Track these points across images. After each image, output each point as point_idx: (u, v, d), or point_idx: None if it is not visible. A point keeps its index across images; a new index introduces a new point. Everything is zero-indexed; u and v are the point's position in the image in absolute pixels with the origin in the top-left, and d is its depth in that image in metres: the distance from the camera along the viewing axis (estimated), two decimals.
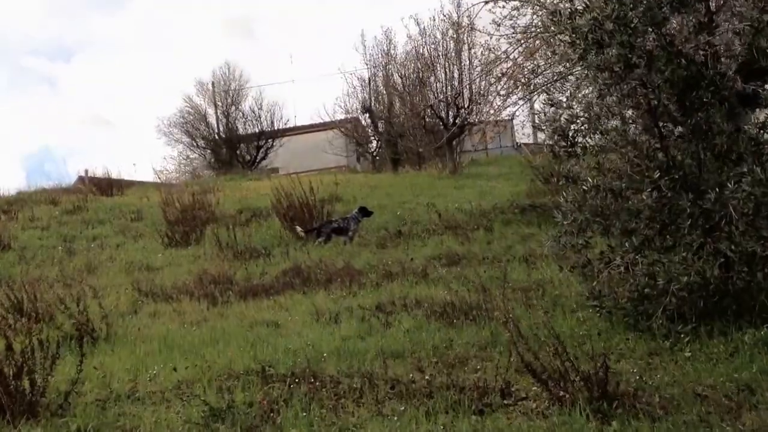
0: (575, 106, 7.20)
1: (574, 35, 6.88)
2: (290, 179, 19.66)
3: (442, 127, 29.43)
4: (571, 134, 7.34)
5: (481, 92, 28.40)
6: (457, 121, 28.96)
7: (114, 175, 28.15)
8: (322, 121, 40.96)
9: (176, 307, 10.71)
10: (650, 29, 6.67)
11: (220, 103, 42.47)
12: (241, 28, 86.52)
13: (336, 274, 11.82)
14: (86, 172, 30.61)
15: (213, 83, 42.56)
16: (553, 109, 7.72)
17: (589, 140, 7.14)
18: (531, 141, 44.13)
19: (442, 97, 29.60)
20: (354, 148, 41.98)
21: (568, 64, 12.10)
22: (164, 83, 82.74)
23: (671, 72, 6.64)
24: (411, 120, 31.11)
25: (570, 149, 7.46)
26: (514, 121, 33.10)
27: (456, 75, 29.31)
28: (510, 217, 16.26)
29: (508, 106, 16.78)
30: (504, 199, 19.39)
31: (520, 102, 16.69)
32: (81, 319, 8.71)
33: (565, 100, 7.50)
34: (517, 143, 45.63)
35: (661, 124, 7.05)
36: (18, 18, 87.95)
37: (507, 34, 14.69)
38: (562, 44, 14.60)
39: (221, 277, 12.25)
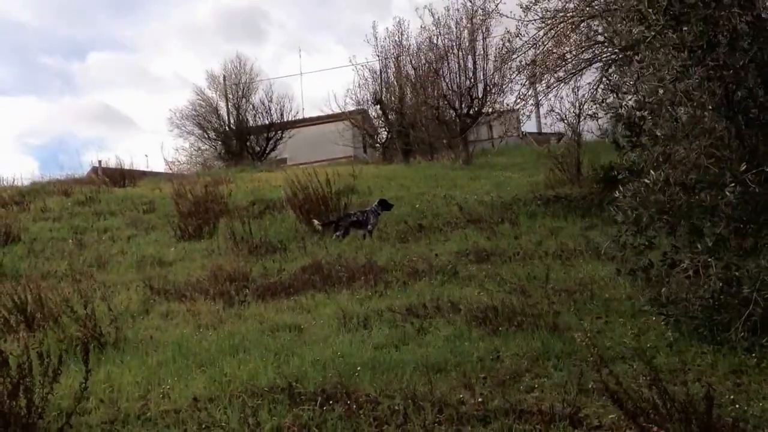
0: (641, 91, 6.33)
1: (650, 9, 6.05)
2: (303, 170, 18.97)
3: (455, 117, 28.58)
4: (636, 122, 6.49)
5: (496, 82, 27.62)
6: (471, 111, 28.14)
7: (126, 166, 27.95)
8: (330, 113, 40.83)
9: (190, 307, 9.93)
10: (736, 3, 5.85)
11: (231, 96, 42.57)
12: (250, 22, 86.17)
13: (358, 271, 11.04)
14: (99, 162, 30.58)
15: (224, 76, 42.65)
16: (614, 95, 6.88)
17: (656, 129, 6.28)
18: (536, 130, 43.72)
19: (455, 87, 28.73)
20: (361, 139, 41.64)
21: (611, 47, 11.27)
22: (177, 77, 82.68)
23: (758, 51, 5.82)
24: (423, 110, 30.26)
25: (634, 139, 6.62)
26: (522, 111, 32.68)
27: (470, 65, 28.48)
28: (534, 209, 15.47)
29: (531, 95, 15.78)
30: (523, 190, 18.65)
31: (548, 89, 15.65)
32: (88, 324, 7.93)
33: (630, 84, 6.59)
34: (522, 132, 44.93)
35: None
36: (35, 17, 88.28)
37: (535, 19, 13.81)
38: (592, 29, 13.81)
39: (237, 273, 11.49)
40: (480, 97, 27.97)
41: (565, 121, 19.44)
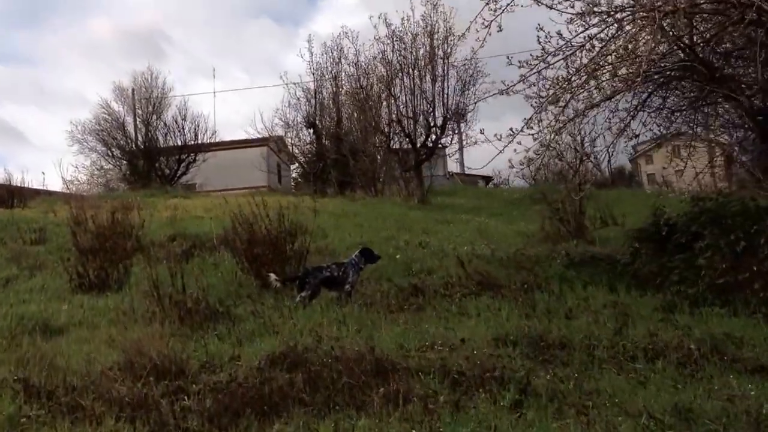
0: None
1: None
2: (226, 199, 14.97)
3: (409, 146, 24.81)
4: None
5: (460, 109, 24.03)
6: (428, 141, 24.46)
7: (16, 183, 23.30)
8: (247, 137, 37.60)
9: None
10: None
11: (140, 111, 39.15)
12: (151, 42, 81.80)
13: (363, 371, 6.96)
14: None
15: (133, 90, 38.34)
16: None
17: None
18: (458, 170, 40.78)
19: (410, 112, 25.01)
20: (277, 167, 38.32)
21: None
22: (75, 94, 77.44)
23: None
24: (369, 136, 26.40)
25: None
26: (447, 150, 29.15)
27: (429, 86, 24.80)
28: (560, 271, 11.81)
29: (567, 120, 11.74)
30: (516, 242, 15.06)
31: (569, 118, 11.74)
32: None
33: None
34: (449, 172, 41.96)
35: None
36: None
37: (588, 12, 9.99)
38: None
39: (167, 363, 7.27)
40: (439, 124, 24.30)
41: (566, 161, 15.87)
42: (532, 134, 11.00)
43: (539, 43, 10.65)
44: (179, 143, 38.23)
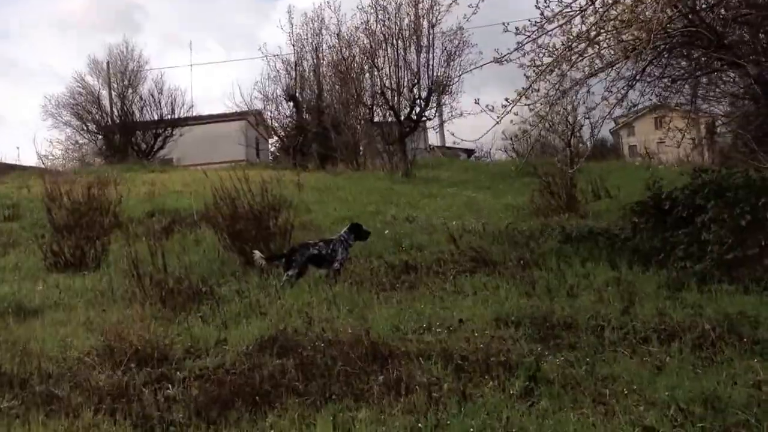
0: None
1: None
2: (206, 173, 14.41)
3: (394, 119, 24.20)
4: None
5: (444, 80, 23.48)
6: (413, 113, 23.89)
7: None
8: (226, 111, 37.06)
9: None
10: None
11: (115, 85, 38.32)
12: (125, 14, 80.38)
13: (359, 357, 6.49)
14: None
15: (108, 63, 37.35)
16: None
17: None
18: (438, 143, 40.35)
19: (394, 84, 24.39)
20: (255, 141, 37.82)
21: None
22: (47, 69, 75.86)
23: None
24: (352, 109, 25.77)
25: None
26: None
27: (414, 57, 24.14)
28: (556, 246, 11.35)
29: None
30: (506, 216, 14.64)
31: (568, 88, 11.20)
32: None
33: None
34: (430, 146, 41.51)
35: None
36: None
37: None
38: None
39: (148, 348, 6.77)
40: (423, 96, 23.71)
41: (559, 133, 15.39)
42: (528, 104, 10.48)
43: (537, 7, 10.12)
44: (156, 117, 37.49)
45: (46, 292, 9.59)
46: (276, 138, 35.19)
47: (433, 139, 38.94)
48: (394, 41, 24.45)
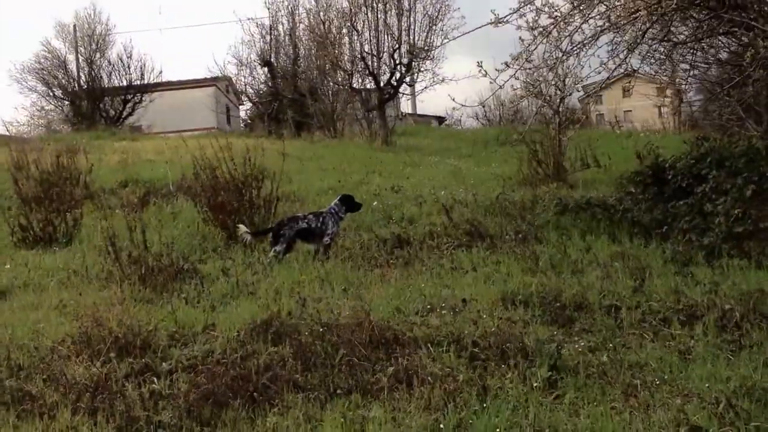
0: None
1: None
2: (185, 141, 13.68)
3: (374, 85, 23.54)
4: None
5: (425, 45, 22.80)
6: (393, 79, 23.23)
7: None
8: (197, 78, 36.14)
9: None
10: None
11: (83, 49, 37.25)
12: None
13: (362, 344, 5.96)
14: None
15: (75, 26, 36.24)
16: None
17: None
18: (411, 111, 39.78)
19: (374, 48, 23.69)
20: (225, 108, 37.16)
21: None
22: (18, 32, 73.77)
23: None
24: (329, 74, 25.04)
25: None
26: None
27: (394, 22, 23.43)
28: (553, 219, 10.85)
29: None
30: (494, 185, 14.16)
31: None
32: None
33: None
34: (402, 113, 40.99)
35: None
36: None
37: None
38: None
39: (130, 335, 6.19)
40: (404, 62, 23.05)
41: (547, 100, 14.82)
42: (527, 69, 9.94)
43: None
44: (124, 83, 36.42)
45: (14, 271, 8.92)
46: (249, 105, 34.34)
47: (404, 106, 38.37)
48: (374, 4, 23.72)
